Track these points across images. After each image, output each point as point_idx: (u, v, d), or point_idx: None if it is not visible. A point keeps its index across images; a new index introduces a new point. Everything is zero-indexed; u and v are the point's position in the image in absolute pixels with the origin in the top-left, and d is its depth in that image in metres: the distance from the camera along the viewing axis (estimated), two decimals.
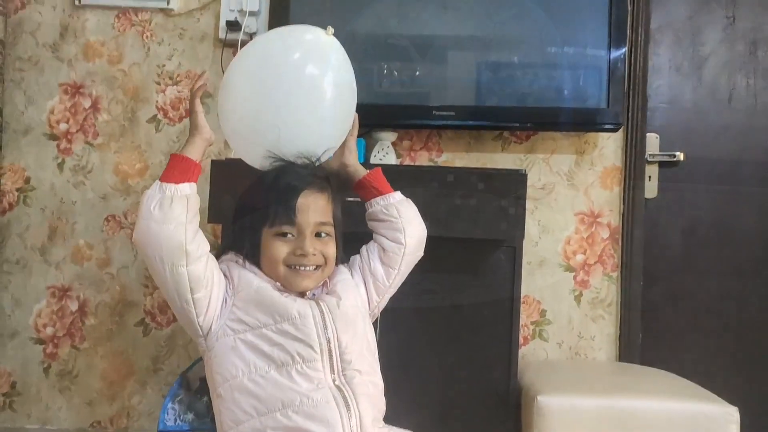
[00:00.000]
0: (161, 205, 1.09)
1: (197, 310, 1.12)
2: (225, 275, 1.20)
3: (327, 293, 1.25)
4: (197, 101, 1.26)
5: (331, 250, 1.24)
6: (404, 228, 1.32)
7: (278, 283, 1.20)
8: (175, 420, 1.17)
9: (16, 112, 2.52)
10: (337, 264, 1.29)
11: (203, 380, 1.20)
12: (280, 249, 1.19)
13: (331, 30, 1.33)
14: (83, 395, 2.47)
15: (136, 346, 2.47)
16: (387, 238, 1.32)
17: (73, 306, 2.49)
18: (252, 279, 1.19)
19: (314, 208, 1.21)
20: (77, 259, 2.49)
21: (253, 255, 1.22)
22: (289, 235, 1.20)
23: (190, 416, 1.17)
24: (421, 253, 1.41)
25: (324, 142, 1.31)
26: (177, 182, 1.12)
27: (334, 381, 1.15)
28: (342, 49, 1.38)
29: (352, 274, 1.32)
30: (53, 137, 2.52)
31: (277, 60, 1.29)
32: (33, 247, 2.50)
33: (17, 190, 2.51)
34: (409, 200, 1.39)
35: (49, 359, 2.49)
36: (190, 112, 1.26)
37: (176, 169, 1.14)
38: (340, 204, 1.31)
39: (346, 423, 1.10)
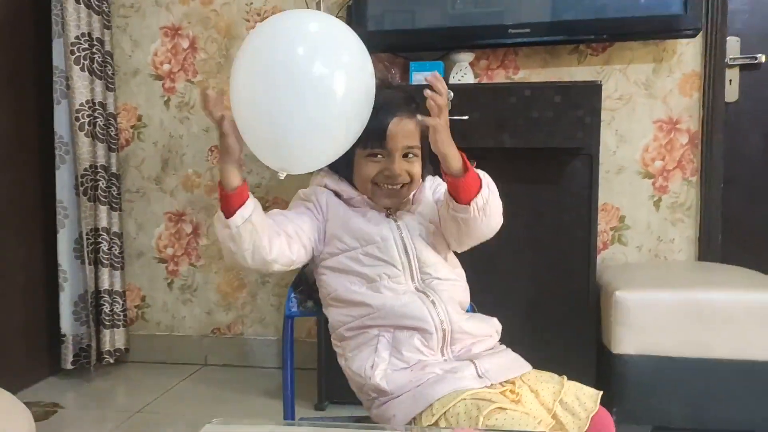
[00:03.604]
0: (232, 238, 1.19)
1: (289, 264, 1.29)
2: (314, 203, 1.32)
3: (409, 211, 1.35)
4: (225, 123, 1.14)
5: (417, 169, 1.33)
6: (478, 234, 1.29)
7: (367, 198, 1.32)
8: (298, 306, 1.39)
9: (124, 55, 2.77)
10: (424, 178, 1.38)
11: None
12: (371, 169, 1.30)
13: (283, 174, 1.20)
14: (203, 306, 2.80)
15: None
16: (454, 237, 1.32)
17: (188, 229, 2.79)
18: (339, 207, 1.31)
19: (403, 133, 1.30)
20: (188, 187, 2.77)
21: (347, 173, 1.34)
22: (379, 156, 1.30)
23: (309, 303, 1.39)
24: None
25: (335, 147, 1.20)
26: (232, 215, 1.18)
27: (416, 288, 1.29)
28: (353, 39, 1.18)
29: (434, 198, 1.37)
30: (158, 77, 2.76)
31: (280, 57, 1.10)
32: (149, 177, 2.80)
33: (131, 127, 2.79)
34: (493, 194, 1.25)
35: (171, 276, 2.82)
36: (219, 135, 1.15)
37: (225, 203, 1.19)
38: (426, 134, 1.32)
39: (434, 315, 1.27)
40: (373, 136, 1.29)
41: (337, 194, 1.36)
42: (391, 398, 1.21)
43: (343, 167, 1.34)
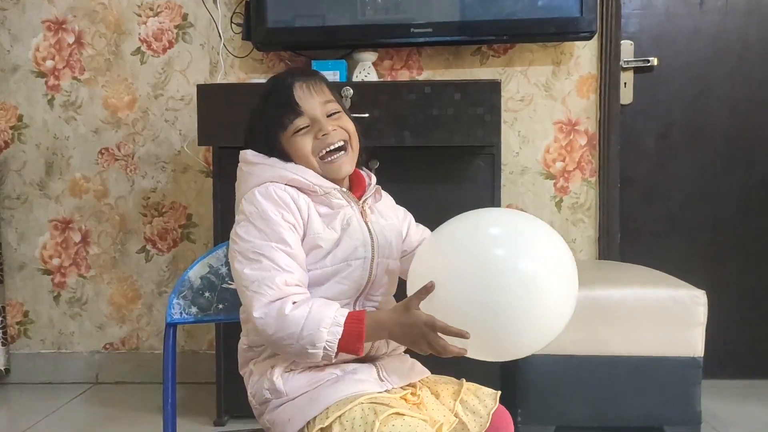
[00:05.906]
0: (307, 356, 1.08)
1: None
2: (295, 215, 1.15)
3: (380, 217, 1.24)
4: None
5: (348, 123, 1.23)
6: None
7: (334, 188, 1.19)
8: (181, 313, 1.28)
9: (2, 51, 2.56)
10: (361, 144, 1.26)
11: (203, 278, 1.31)
12: (304, 143, 1.19)
13: None
14: (94, 320, 2.61)
15: (140, 272, 2.58)
16: None
17: (76, 237, 2.59)
18: (315, 219, 1.17)
19: (313, 92, 1.20)
20: (76, 192, 2.58)
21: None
22: (304, 128, 1.19)
23: (194, 309, 1.29)
24: None
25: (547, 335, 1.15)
26: (337, 354, 1.08)
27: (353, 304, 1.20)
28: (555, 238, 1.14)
29: (401, 224, 1.31)
30: (41, 74, 2.56)
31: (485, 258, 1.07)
32: (32, 182, 2.59)
33: (11, 128, 2.58)
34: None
35: (57, 288, 2.61)
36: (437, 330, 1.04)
37: (347, 347, 1.08)
38: (338, 91, 1.30)
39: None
40: (287, 111, 1.19)
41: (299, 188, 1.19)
42: (287, 401, 1.13)
43: (282, 158, 1.20)
